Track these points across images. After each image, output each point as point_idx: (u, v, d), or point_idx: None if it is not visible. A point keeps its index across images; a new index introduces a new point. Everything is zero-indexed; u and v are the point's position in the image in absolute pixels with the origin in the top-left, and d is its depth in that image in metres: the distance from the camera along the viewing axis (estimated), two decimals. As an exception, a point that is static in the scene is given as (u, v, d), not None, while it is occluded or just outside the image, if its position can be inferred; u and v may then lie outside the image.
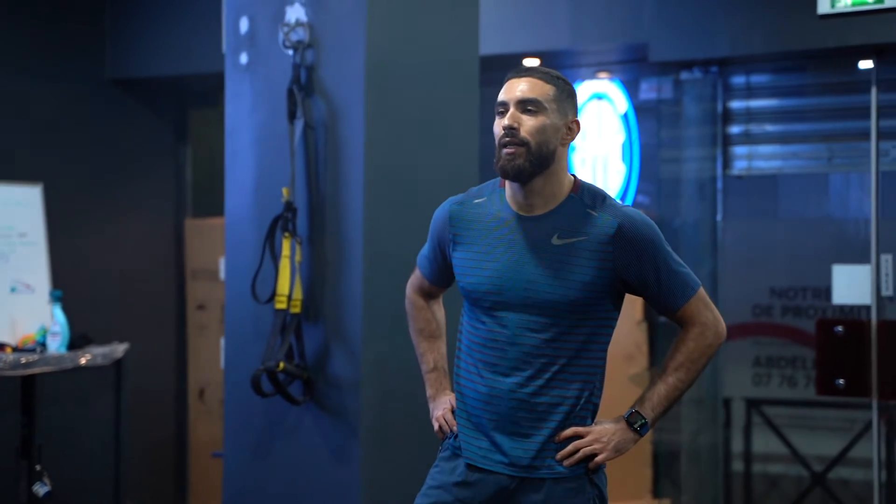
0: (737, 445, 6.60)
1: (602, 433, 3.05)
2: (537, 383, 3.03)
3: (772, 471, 6.67)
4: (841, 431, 6.46)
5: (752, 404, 6.62)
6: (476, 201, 3.16)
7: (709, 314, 3.08)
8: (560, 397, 3.04)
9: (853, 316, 6.15)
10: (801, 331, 6.53)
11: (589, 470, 3.06)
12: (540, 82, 3.04)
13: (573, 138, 3.10)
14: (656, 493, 6.39)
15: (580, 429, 3.05)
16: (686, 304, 3.07)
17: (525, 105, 3.03)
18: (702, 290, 3.10)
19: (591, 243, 3.01)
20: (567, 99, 3.08)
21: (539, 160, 3.01)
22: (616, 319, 3.11)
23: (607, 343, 3.10)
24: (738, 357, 6.64)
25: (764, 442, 6.61)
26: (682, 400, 6.31)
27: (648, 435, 6.25)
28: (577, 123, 3.10)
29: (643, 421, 3.07)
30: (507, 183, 3.10)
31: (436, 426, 3.26)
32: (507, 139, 3.01)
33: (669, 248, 3.07)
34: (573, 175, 3.13)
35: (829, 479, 6.45)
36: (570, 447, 3.04)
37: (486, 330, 3.09)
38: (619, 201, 3.09)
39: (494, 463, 3.08)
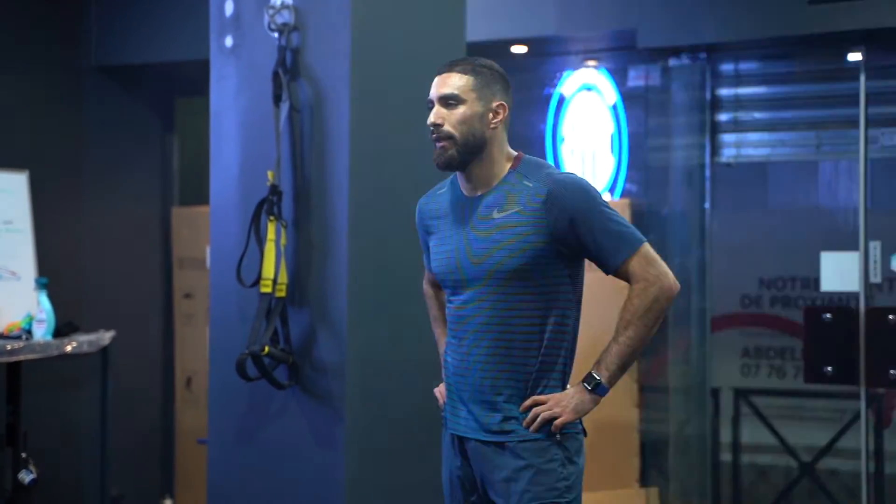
0: (725, 435, 6.58)
1: (560, 398, 3.20)
2: (500, 353, 3.21)
3: (760, 461, 6.66)
4: (829, 422, 6.45)
5: (741, 394, 6.61)
6: (440, 192, 3.41)
7: (652, 269, 3.19)
8: (521, 365, 3.21)
9: (842, 303, 6.14)
10: (789, 321, 6.51)
11: (553, 434, 3.19)
12: (457, 75, 3.26)
13: (502, 120, 3.27)
14: (644, 481, 6.38)
15: (539, 397, 3.20)
16: (626, 261, 3.19)
17: (446, 100, 3.25)
18: (645, 247, 3.20)
19: (527, 211, 3.19)
20: (490, 85, 3.26)
21: (468, 149, 3.24)
22: (574, 286, 3.25)
23: (571, 310, 3.25)
24: (726, 347, 6.62)
25: (752, 432, 6.60)
26: (670, 389, 6.32)
27: (636, 424, 6.33)
28: (504, 106, 3.28)
29: (597, 381, 3.20)
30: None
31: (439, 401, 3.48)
32: (435, 135, 3.25)
33: (608, 210, 3.20)
34: (519, 152, 3.31)
35: (818, 469, 6.44)
36: (531, 414, 3.20)
37: (453, 307, 3.31)
38: (557, 170, 3.28)
39: (471, 430, 3.27)
